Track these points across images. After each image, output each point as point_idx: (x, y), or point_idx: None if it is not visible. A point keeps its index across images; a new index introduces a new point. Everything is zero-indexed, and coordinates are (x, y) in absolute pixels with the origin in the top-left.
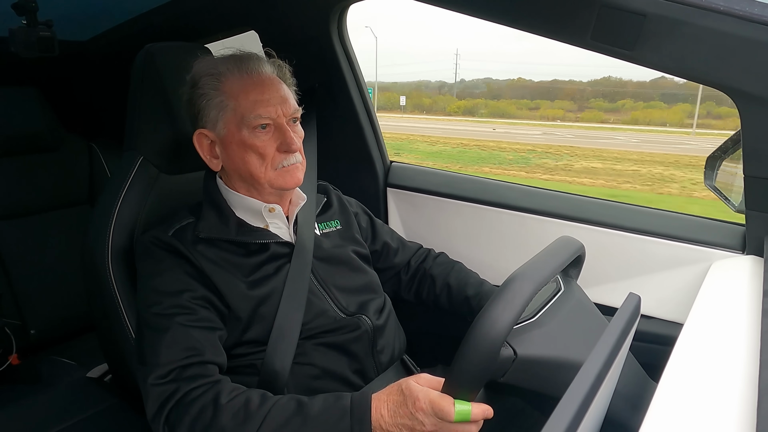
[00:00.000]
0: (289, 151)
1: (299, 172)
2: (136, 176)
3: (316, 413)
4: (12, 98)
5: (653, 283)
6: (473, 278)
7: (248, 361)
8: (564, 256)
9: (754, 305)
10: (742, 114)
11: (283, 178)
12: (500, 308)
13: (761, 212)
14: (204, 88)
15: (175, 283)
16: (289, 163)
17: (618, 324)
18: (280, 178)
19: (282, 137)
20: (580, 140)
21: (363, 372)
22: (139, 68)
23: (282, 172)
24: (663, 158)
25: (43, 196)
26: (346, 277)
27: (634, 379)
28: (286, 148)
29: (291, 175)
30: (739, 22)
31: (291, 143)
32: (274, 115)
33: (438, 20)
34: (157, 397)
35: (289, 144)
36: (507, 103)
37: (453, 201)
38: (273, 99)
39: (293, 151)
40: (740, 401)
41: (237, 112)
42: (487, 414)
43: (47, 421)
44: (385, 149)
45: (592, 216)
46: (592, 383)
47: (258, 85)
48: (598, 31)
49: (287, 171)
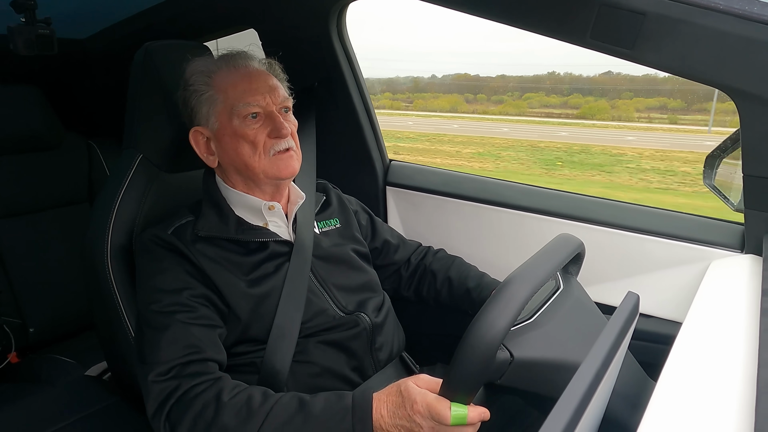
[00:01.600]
0: (280, 136)
1: (294, 161)
2: (135, 174)
3: (318, 412)
4: (11, 97)
5: (652, 282)
6: (473, 271)
7: (248, 359)
8: (562, 255)
9: (752, 304)
10: (742, 113)
11: (276, 166)
12: (496, 312)
13: (760, 211)
14: (195, 85)
15: (175, 281)
16: (281, 147)
17: (617, 323)
18: (274, 166)
19: (272, 123)
20: (469, 129)
21: (362, 369)
22: (138, 66)
23: (275, 160)
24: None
25: (42, 195)
26: (345, 276)
27: (632, 378)
28: (277, 134)
29: (285, 163)
30: (738, 21)
31: (281, 128)
32: (263, 103)
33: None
34: (157, 395)
35: (279, 128)
36: (427, 96)
37: (452, 200)
38: (261, 88)
39: (284, 135)
40: (739, 400)
41: (227, 104)
42: (484, 417)
43: (46, 419)
44: (384, 148)
45: (592, 215)
46: (590, 382)
47: (246, 76)
48: (597, 30)
49: (280, 158)
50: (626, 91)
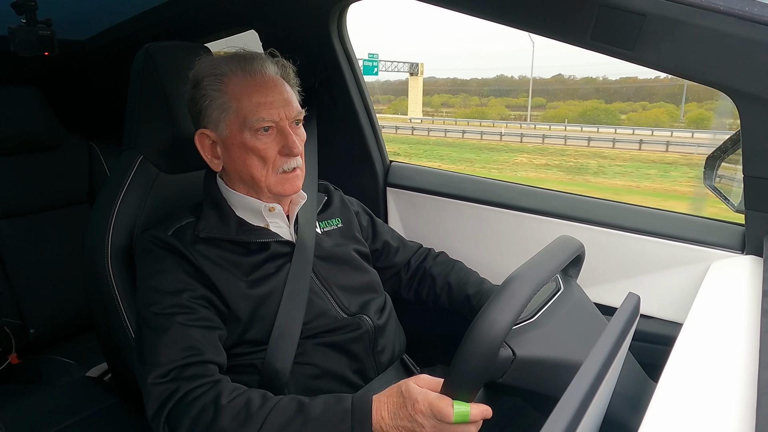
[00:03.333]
0: (291, 155)
1: (299, 180)
2: (135, 175)
3: (317, 414)
4: (12, 97)
5: (653, 283)
6: (473, 277)
7: (248, 360)
8: (563, 256)
9: (753, 305)
10: (742, 114)
11: (282, 186)
12: (499, 309)
13: (761, 212)
14: (206, 89)
15: (175, 283)
16: (290, 167)
17: (617, 324)
18: (279, 185)
19: (284, 140)
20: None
21: (363, 372)
22: (138, 67)
23: (282, 179)
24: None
25: (42, 196)
26: (347, 276)
27: (633, 378)
28: (288, 152)
29: (291, 183)
30: (739, 22)
31: (293, 147)
32: (276, 118)
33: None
34: (157, 397)
35: (291, 147)
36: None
37: (452, 201)
38: (276, 101)
39: (295, 154)
40: (740, 401)
41: (239, 114)
42: (486, 414)
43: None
44: (384, 149)
45: (592, 216)
46: (591, 383)
47: (261, 86)
48: (597, 31)
49: (287, 178)
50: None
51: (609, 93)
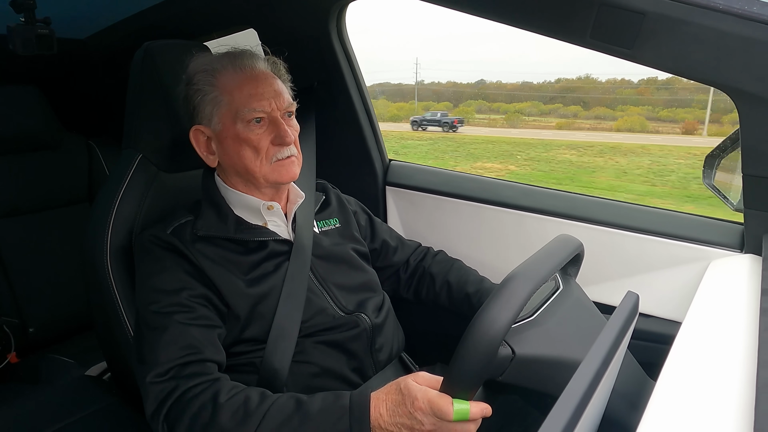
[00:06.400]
0: (284, 144)
1: (294, 166)
2: (134, 174)
3: (315, 412)
4: (11, 97)
5: (652, 282)
6: (473, 276)
7: (247, 359)
8: (562, 255)
9: (752, 304)
10: (741, 113)
11: (278, 172)
12: (498, 307)
13: (760, 211)
14: (199, 84)
15: (174, 282)
16: (284, 155)
17: (616, 322)
18: (275, 173)
19: (276, 130)
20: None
21: (361, 370)
22: (137, 66)
23: (277, 166)
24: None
25: (42, 195)
26: (345, 275)
27: (632, 377)
28: (281, 141)
29: (286, 169)
30: (738, 21)
31: (285, 136)
32: (268, 108)
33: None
34: (156, 396)
35: (283, 137)
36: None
37: (452, 199)
38: (267, 93)
39: (287, 143)
40: (738, 400)
41: (231, 107)
42: (486, 412)
43: (46, 419)
44: (384, 148)
45: (591, 215)
46: (590, 381)
47: (252, 79)
48: (597, 30)
49: (282, 165)
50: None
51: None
